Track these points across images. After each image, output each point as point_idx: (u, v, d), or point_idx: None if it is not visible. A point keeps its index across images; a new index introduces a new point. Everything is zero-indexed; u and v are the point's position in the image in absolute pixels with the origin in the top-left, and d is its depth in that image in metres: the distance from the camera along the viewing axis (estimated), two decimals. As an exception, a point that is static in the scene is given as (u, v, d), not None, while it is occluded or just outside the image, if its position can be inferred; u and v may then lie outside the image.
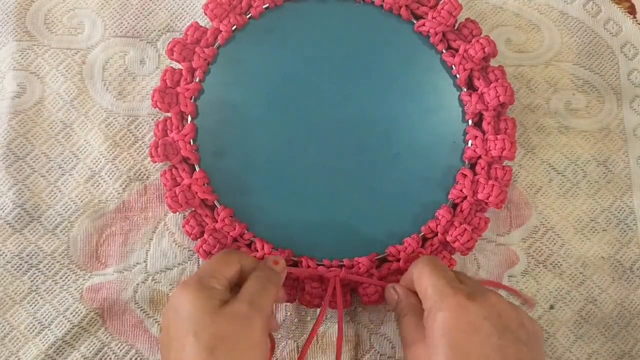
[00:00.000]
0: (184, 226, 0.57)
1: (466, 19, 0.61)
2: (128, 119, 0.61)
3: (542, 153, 0.62)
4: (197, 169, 0.57)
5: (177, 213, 0.57)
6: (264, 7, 0.60)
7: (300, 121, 0.59)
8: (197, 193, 0.56)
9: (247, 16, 0.60)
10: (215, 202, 0.57)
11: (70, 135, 0.60)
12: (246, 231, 0.57)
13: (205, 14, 0.59)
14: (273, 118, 0.59)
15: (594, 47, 0.64)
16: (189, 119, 0.58)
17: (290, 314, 0.58)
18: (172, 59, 0.59)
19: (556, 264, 0.60)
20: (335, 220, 0.58)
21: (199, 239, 0.57)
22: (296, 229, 0.57)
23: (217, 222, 0.56)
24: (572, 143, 0.62)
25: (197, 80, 0.59)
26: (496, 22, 0.64)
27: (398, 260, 0.57)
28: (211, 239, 0.56)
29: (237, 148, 0.58)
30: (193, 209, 0.57)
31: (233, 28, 0.60)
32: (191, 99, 0.58)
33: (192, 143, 0.57)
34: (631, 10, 0.66)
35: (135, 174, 0.60)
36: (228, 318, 0.45)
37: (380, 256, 0.57)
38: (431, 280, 0.47)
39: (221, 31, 0.60)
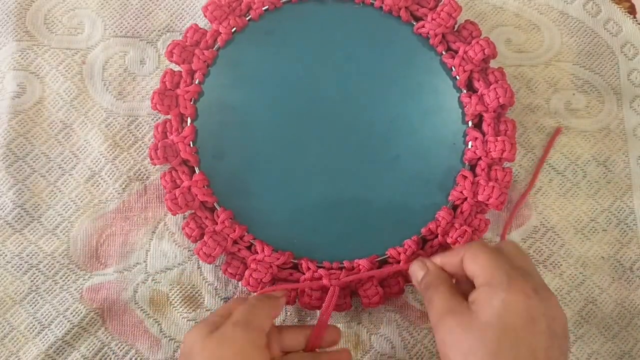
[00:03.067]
0: (183, 228, 0.57)
1: (466, 21, 0.61)
2: (128, 119, 0.61)
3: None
4: (196, 171, 0.57)
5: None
6: (263, 9, 0.60)
7: (300, 123, 0.59)
8: (196, 195, 0.56)
9: (247, 18, 0.60)
10: (215, 205, 0.57)
11: (70, 135, 0.60)
12: (246, 233, 0.57)
13: (205, 16, 0.59)
14: (273, 120, 0.59)
15: (594, 47, 0.65)
16: (189, 121, 0.58)
17: (290, 314, 0.58)
18: (171, 61, 0.59)
19: (556, 264, 0.60)
20: (336, 221, 0.58)
21: (198, 241, 0.57)
22: (296, 230, 0.57)
23: (217, 224, 0.56)
24: (572, 143, 0.62)
25: (196, 82, 0.59)
26: (496, 22, 0.64)
27: (398, 262, 0.56)
28: (211, 241, 0.55)
29: (237, 150, 0.58)
30: (193, 211, 0.57)
31: (232, 30, 0.60)
32: (191, 101, 0.58)
33: (191, 145, 0.57)
34: (631, 10, 0.66)
35: (135, 174, 0.60)
36: (215, 340, 0.45)
37: (380, 258, 0.57)
38: (497, 263, 0.45)
39: (220, 33, 0.60)
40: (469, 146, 0.58)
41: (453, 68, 0.60)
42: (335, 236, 0.57)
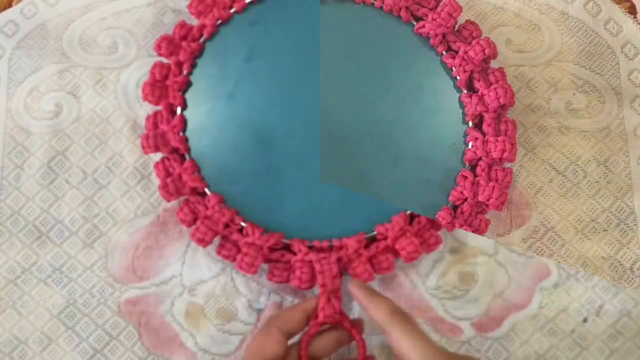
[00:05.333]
0: (178, 214, 0.59)
1: (466, 21, 0.61)
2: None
3: (542, 153, 0.62)
4: (187, 158, 0.60)
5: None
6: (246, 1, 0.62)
7: (296, 125, 0.61)
8: (187, 182, 0.59)
9: (231, 11, 0.62)
10: (206, 190, 0.59)
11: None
12: (236, 216, 0.59)
13: (191, 14, 0.62)
14: (266, 117, 0.61)
15: (594, 47, 0.63)
16: (179, 110, 0.61)
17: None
18: (160, 54, 0.61)
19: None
20: (336, 222, 0.59)
21: (192, 227, 0.59)
22: (287, 212, 0.59)
23: (208, 209, 0.59)
24: (573, 143, 0.62)
25: (184, 73, 0.62)
26: (497, 22, 0.64)
27: (386, 238, 0.58)
28: (203, 226, 0.58)
29: (226, 136, 0.61)
30: (186, 197, 0.60)
31: (218, 22, 0.62)
32: (179, 92, 0.61)
33: (181, 134, 0.60)
34: (631, 10, 0.64)
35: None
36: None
37: (368, 235, 0.58)
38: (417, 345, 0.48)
39: (206, 26, 0.62)
40: (469, 146, 0.59)
41: (453, 68, 0.60)
42: (325, 218, 0.60)
